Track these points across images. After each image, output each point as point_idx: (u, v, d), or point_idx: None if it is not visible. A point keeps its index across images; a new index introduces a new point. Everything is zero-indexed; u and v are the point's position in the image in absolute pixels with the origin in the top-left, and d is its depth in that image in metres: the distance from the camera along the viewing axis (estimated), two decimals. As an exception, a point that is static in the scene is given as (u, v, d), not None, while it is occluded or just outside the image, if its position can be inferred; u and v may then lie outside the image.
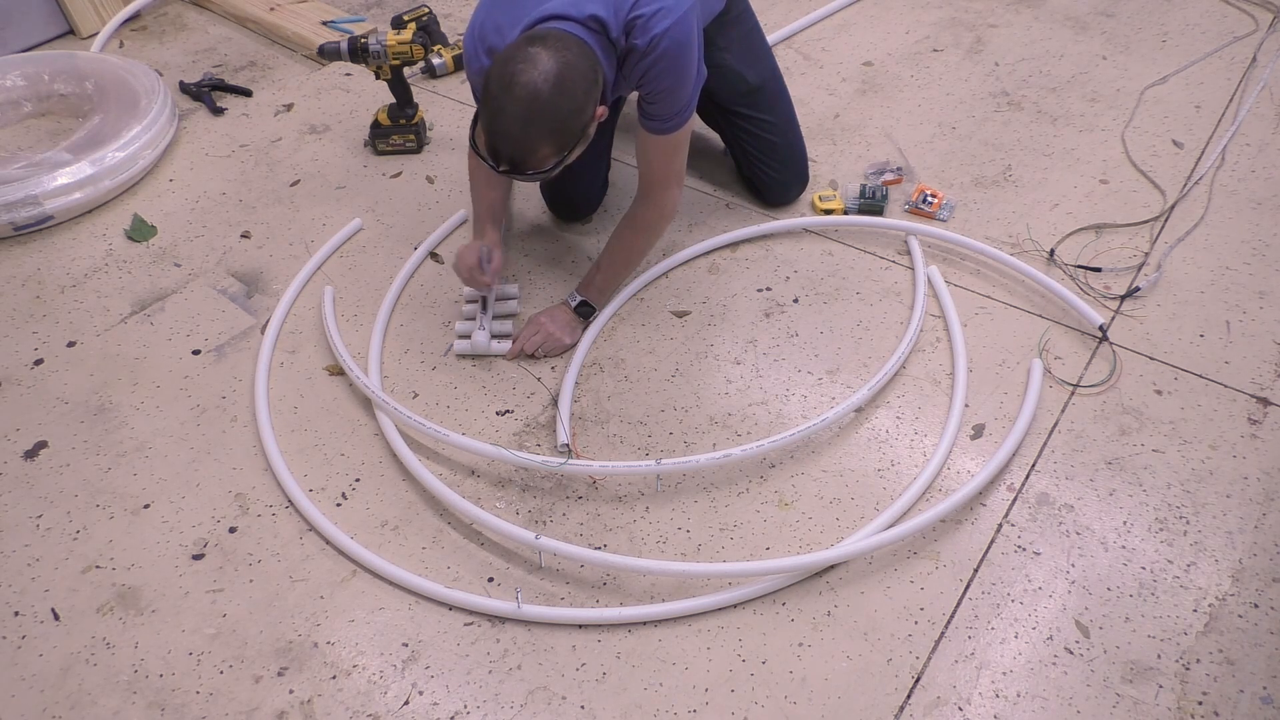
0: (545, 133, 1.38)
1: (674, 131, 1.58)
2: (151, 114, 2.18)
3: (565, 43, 1.39)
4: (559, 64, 1.36)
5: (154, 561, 1.43)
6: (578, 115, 1.40)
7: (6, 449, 1.61)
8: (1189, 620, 1.29)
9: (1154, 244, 1.86)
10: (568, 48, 1.38)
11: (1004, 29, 2.54)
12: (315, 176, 2.17)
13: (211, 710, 1.26)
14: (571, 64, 1.37)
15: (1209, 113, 2.19)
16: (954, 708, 1.22)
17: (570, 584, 1.38)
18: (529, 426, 1.60)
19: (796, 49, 2.52)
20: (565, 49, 1.38)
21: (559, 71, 1.35)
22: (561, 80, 1.36)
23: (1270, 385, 1.58)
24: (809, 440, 1.55)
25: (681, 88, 1.52)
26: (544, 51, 1.36)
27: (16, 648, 1.34)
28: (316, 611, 1.36)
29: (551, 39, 1.39)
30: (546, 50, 1.36)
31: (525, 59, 1.36)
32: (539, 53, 1.36)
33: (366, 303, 1.85)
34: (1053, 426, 1.54)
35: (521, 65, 1.35)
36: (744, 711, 1.23)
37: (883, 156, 2.14)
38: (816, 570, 1.36)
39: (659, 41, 1.45)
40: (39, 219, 2.01)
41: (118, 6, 2.77)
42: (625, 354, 1.72)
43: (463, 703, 1.25)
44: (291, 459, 1.56)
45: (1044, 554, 1.37)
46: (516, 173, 1.42)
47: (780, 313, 1.78)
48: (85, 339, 1.80)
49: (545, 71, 1.35)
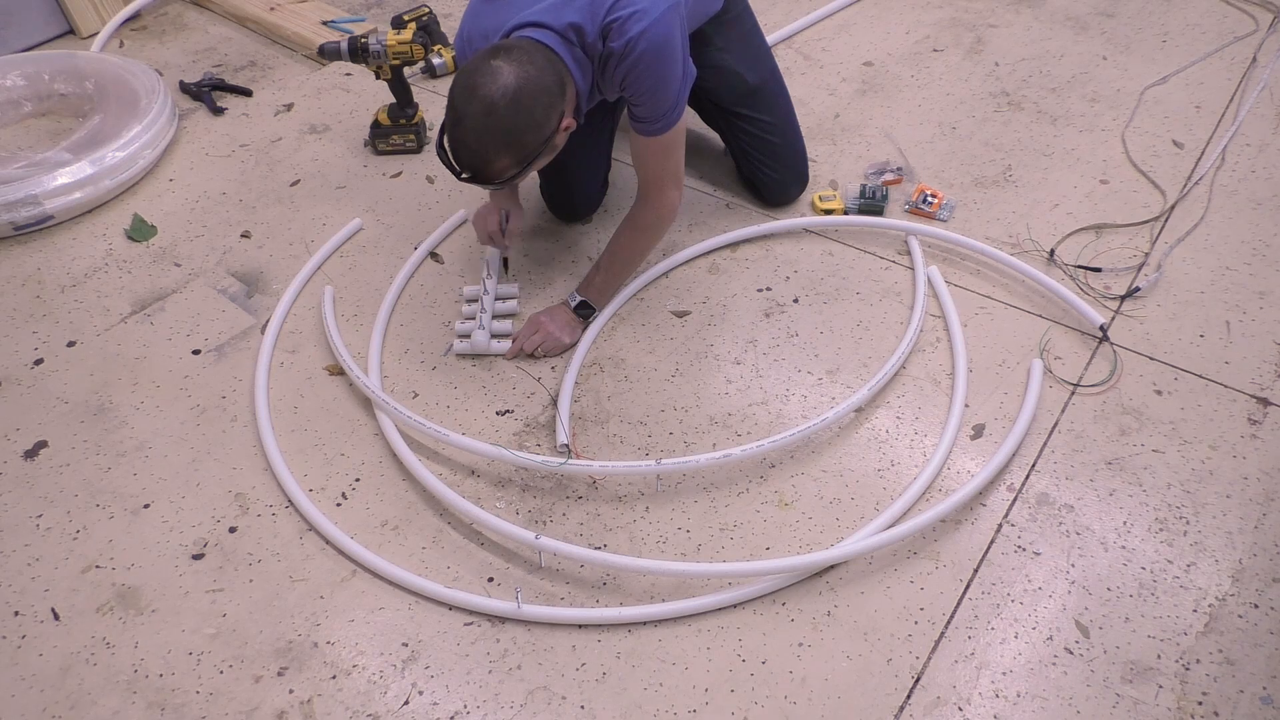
0: (501, 146, 1.38)
1: (664, 133, 1.57)
2: (151, 114, 2.18)
3: (531, 55, 1.39)
4: (518, 79, 1.36)
5: (154, 561, 1.43)
6: (535, 130, 1.40)
7: (6, 449, 1.61)
8: (1189, 620, 1.29)
9: (1154, 244, 1.86)
10: (532, 61, 1.38)
11: (1004, 29, 2.54)
12: (315, 176, 2.17)
13: (211, 710, 1.26)
14: (532, 79, 1.37)
15: (1209, 113, 2.19)
16: (954, 708, 1.22)
17: (570, 584, 1.38)
18: (529, 426, 1.60)
19: (796, 49, 2.52)
20: (529, 63, 1.37)
21: (517, 87, 1.35)
22: (519, 96, 1.36)
23: (1270, 385, 1.58)
24: (809, 440, 1.55)
25: (664, 89, 1.51)
26: (506, 65, 1.36)
27: (16, 648, 1.34)
28: (316, 611, 1.36)
29: (517, 51, 1.38)
30: (509, 63, 1.36)
31: (486, 72, 1.36)
32: (501, 66, 1.36)
33: (366, 303, 1.85)
34: (1053, 426, 1.54)
35: (482, 78, 1.36)
36: (744, 711, 1.23)
37: (883, 156, 2.13)
38: (816, 570, 1.36)
39: (636, 44, 1.44)
40: (39, 219, 2.01)
41: (118, 6, 2.77)
42: (625, 354, 1.72)
43: (463, 703, 1.25)
44: (291, 459, 1.56)
45: (1044, 554, 1.37)
46: (477, 181, 1.43)
47: (780, 313, 1.78)
48: (85, 339, 1.80)
49: (504, 86, 1.35)
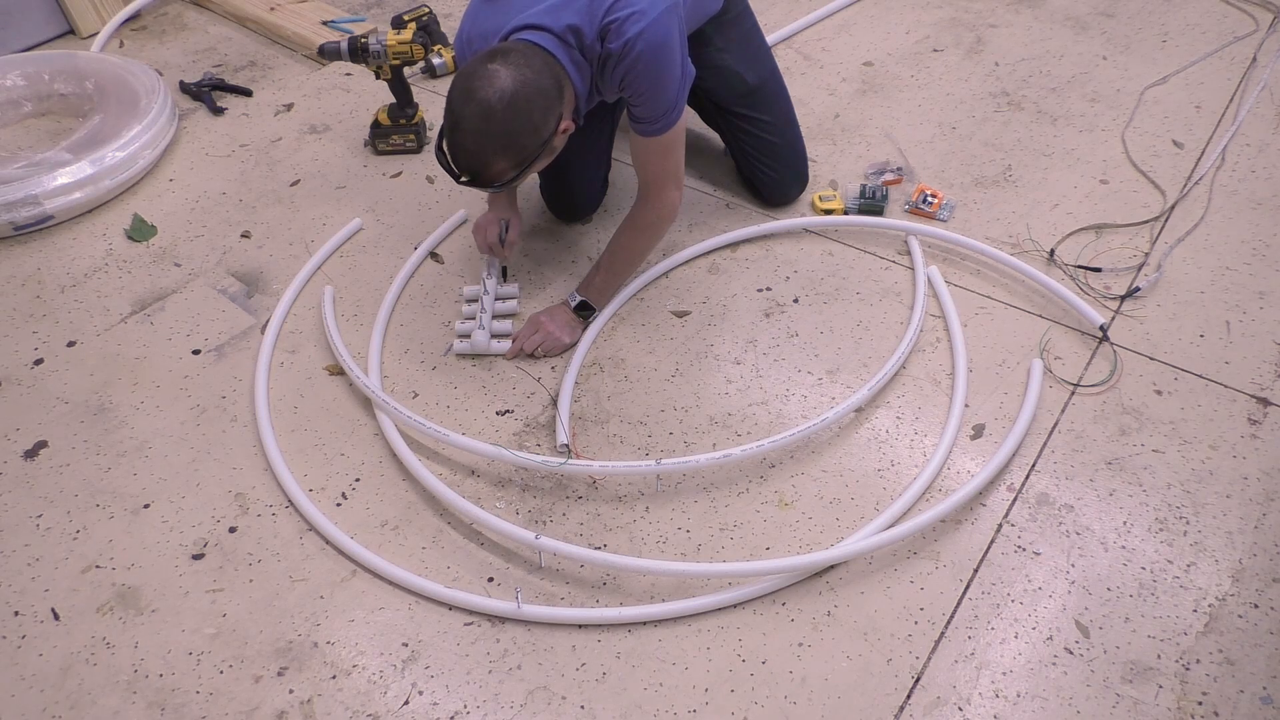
0: (499, 149, 1.39)
1: (663, 133, 1.57)
2: (151, 114, 2.18)
3: (528, 59, 1.39)
4: (515, 83, 1.36)
5: (154, 561, 1.43)
6: (532, 134, 1.40)
7: (6, 449, 1.61)
8: (1189, 620, 1.29)
9: (1154, 244, 1.86)
10: (529, 64, 1.38)
11: (1004, 29, 2.54)
12: (315, 176, 2.17)
13: (211, 710, 1.26)
14: (529, 82, 1.37)
15: (1209, 113, 2.19)
16: (954, 708, 1.22)
17: (570, 584, 1.38)
18: (529, 426, 1.60)
19: (796, 49, 2.52)
20: (526, 66, 1.38)
21: (514, 90, 1.36)
22: (516, 100, 1.36)
23: (1270, 385, 1.58)
24: (809, 440, 1.55)
25: (663, 89, 1.51)
26: (503, 68, 1.36)
27: (16, 648, 1.34)
28: (316, 611, 1.36)
29: (514, 55, 1.38)
30: (506, 67, 1.36)
31: (483, 76, 1.36)
32: (498, 70, 1.36)
33: (366, 303, 1.85)
34: (1053, 426, 1.54)
35: (479, 82, 1.36)
36: (744, 711, 1.23)
37: (883, 156, 2.13)
38: (816, 570, 1.36)
39: (634, 44, 1.45)
40: (39, 219, 2.01)
41: (118, 6, 2.77)
42: (625, 354, 1.72)
43: (462, 703, 1.25)
44: (291, 459, 1.56)
45: (1044, 554, 1.37)
46: (476, 184, 1.43)
47: (780, 313, 1.78)
48: (85, 339, 1.80)
49: (501, 90, 1.35)
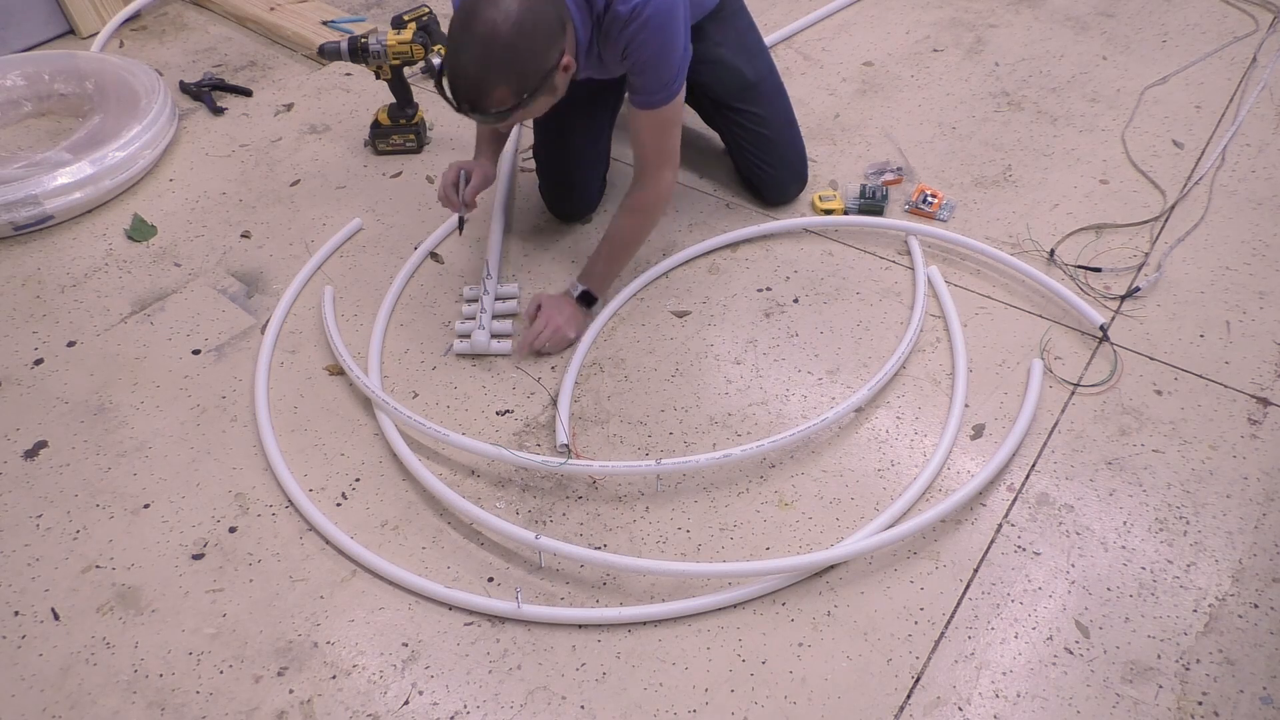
0: (502, 73, 1.38)
1: (663, 105, 1.57)
2: (151, 114, 2.18)
3: None
4: (521, 6, 1.36)
5: (154, 561, 1.43)
6: (536, 59, 1.40)
7: (6, 449, 1.61)
8: (1189, 620, 1.29)
9: (1154, 244, 1.86)
10: None
11: (1004, 29, 2.54)
12: (315, 176, 2.17)
13: (211, 710, 1.26)
14: (534, 8, 1.37)
15: (1209, 113, 2.19)
16: (954, 708, 1.22)
17: (570, 584, 1.38)
18: (529, 426, 1.60)
19: (796, 49, 2.52)
20: None
21: (520, 14, 1.35)
22: (522, 22, 1.35)
23: (1270, 385, 1.58)
24: (809, 440, 1.55)
25: (667, 59, 1.52)
26: None
27: (16, 647, 1.34)
28: (316, 611, 1.36)
29: None
30: None
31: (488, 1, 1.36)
32: None
33: (366, 303, 1.85)
34: (1053, 426, 1.54)
35: (484, 5, 1.36)
36: (744, 711, 1.23)
37: (883, 156, 2.13)
38: (816, 570, 1.36)
39: (642, 9, 1.46)
40: (39, 219, 2.01)
41: (118, 6, 2.77)
42: (625, 354, 1.72)
43: (462, 703, 1.25)
44: (291, 459, 1.56)
45: (1044, 554, 1.37)
46: (475, 112, 1.42)
47: (780, 313, 1.78)
48: (85, 339, 1.80)
49: (506, 12, 1.35)
